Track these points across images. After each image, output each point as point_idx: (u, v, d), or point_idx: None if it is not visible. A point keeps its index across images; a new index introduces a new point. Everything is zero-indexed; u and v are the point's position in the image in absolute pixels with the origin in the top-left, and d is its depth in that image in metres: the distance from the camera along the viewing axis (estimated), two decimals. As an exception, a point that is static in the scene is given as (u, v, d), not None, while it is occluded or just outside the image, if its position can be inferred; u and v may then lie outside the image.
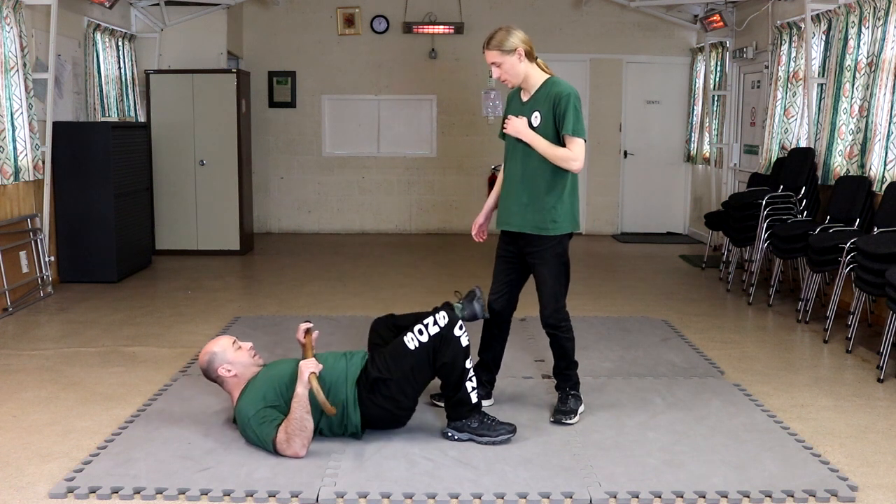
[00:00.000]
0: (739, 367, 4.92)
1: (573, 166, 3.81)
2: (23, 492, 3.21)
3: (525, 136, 3.84)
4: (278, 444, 3.47)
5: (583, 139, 3.79)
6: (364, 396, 3.63)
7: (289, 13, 10.32)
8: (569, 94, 3.78)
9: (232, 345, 3.76)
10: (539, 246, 3.91)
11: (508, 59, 3.80)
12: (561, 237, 3.92)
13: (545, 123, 3.82)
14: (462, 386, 3.66)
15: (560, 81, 3.86)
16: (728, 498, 3.18)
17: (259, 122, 10.31)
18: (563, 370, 4.09)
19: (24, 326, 5.80)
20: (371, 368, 3.64)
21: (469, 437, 3.70)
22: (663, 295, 6.97)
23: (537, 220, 3.88)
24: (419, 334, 3.61)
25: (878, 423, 4.03)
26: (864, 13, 6.21)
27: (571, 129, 3.76)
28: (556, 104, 3.78)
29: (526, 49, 3.81)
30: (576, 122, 3.77)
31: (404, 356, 3.61)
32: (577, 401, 4.05)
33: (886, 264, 4.77)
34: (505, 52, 3.79)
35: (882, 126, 5.92)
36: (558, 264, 3.94)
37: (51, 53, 6.78)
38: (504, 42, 3.79)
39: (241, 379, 3.71)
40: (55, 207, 7.11)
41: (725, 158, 9.38)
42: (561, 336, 4.02)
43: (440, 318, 3.63)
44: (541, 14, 10.33)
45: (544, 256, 3.92)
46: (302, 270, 8.03)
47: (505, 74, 3.85)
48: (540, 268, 3.95)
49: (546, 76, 3.90)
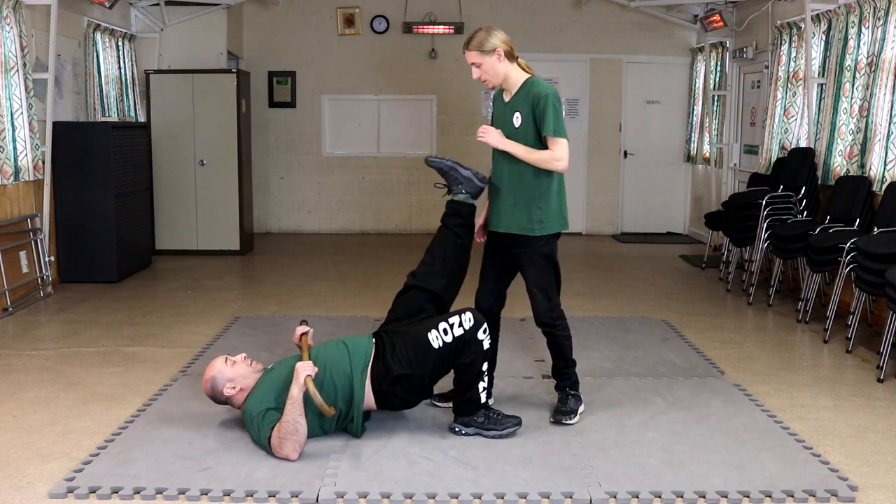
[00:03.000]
0: (739, 367, 4.92)
1: (558, 167, 3.82)
2: (23, 492, 3.21)
3: (502, 146, 3.86)
4: (272, 446, 3.48)
5: (565, 138, 3.80)
6: (386, 389, 3.65)
7: (289, 13, 10.32)
8: (547, 95, 3.78)
9: (225, 363, 3.75)
10: (527, 246, 3.91)
11: (488, 60, 3.82)
12: (548, 237, 3.92)
13: (526, 124, 3.84)
14: (475, 386, 3.70)
15: (539, 81, 3.87)
16: (728, 498, 3.18)
17: (259, 122, 10.31)
18: (562, 369, 4.09)
19: (24, 326, 5.80)
20: (392, 362, 3.64)
21: (476, 431, 3.74)
22: (663, 295, 6.97)
23: (524, 220, 3.88)
24: (444, 334, 3.61)
25: (878, 423, 4.03)
26: (864, 13, 6.21)
27: (552, 130, 3.78)
28: (535, 105, 3.80)
29: (506, 49, 3.83)
30: (556, 121, 3.78)
31: (427, 354, 3.62)
32: (578, 401, 4.05)
33: (886, 264, 4.77)
34: (485, 52, 3.81)
35: (882, 126, 5.92)
36: (547, 264, 3.94)
37: (51, 53, 6.78)
38: (484, 42, 3.81)
39: (247, 390, 3.73)
40: (55, 207, 7.11)
41: (725, 158, 9.38)
42: (557, 334, 4.02)
43: (466, 319, 3.63)
44: (541, 14, 10.33)
45: (532, 257, 3.92)
46: (302, 270, 8.03)
47: (485, 75, 3.87)
48: (528, 268, 3.95)
49: (526, 76, 3.91)
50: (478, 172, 3.97)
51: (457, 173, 3.96)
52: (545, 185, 3.86)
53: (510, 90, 3.91)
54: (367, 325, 5.57)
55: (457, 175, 3.96)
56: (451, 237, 3.98)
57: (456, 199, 3.98)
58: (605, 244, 10.00)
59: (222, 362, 3.76)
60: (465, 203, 3.97)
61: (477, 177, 3.96)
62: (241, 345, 5.20)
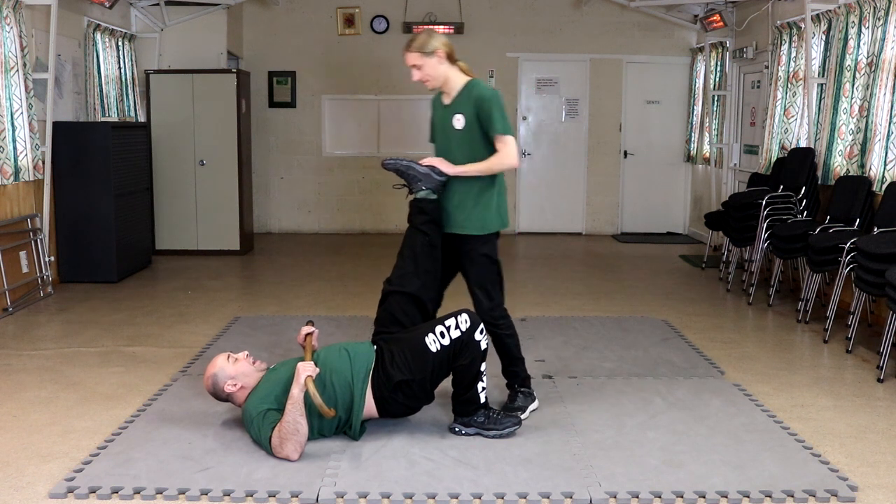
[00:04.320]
0: (739, 367, 4.92)
1: (509, 164, 3.90)
2: (23, 492, 3.21)
3: (453, 172, 3.91)
4: (273, 446, 3.48)
5: (511, 135, 3.88)
6: (387, 395, 3.66)
7: (289, 13, 10.32)
8: (490, 97, 3.85)
9: (227, 360, 3.75)
10: (468, 245, 3.98)
11: (429, 61, 3.87)
12: (489, 236, 3.98)
13: (469, 127, 3.89)
14: (474, 386, 3.71)
15: (481, 84, 3.94)
16: (728, 498, 3.18)
17: (259, 122, 10.31)
18: (508, 367, 4.12)
19: (24, 326, 5.80)
20: (391, 369, 3.65)
21: (476, 431, 3.74)
22: (663, 295, 6.97)
23: (466, 220, 3.95)
24: (441, 337, 3.63)
25: (878, 423, 4.03)
26: (864, 13, 6.21)
27: (500, 129, 3.84)
28: (479, 108, 3.85)
29: (447, 51, 3.88)
30: (502, 120, 3.85)
31: (426, 358, 3.63)
32: (528, 398, 4.07)
33: (886, 264, 4.77)
34: (426, 53, 3.86)
35: (882, 126, 5.92)
36: (488, 263, 4.00)
37: (51, 53, 6.78)
38: (426, 44, 3.86)
39: (248, 388, 3.72)
40: (55, 207, 7.11)
41: (725, 158, 9.38)
42: (500, 333, 4.04)
43: (462, 321, 3.65)
44: (541, 14, 10.33)
45: (472, 256, 3.98)
46: (302, 270, 8.03)
47: (426, 76, 3.91)
48: (469, 267, 4.01)
49: (467, 79, 3.96)
50: (434, 167, 3.99)
51: (414, 171, 3.99)
52: (486, 185, 3.94)
53: (450, 93, 3.96)
54: (367, 325, 5.55)
55: (414, 173, 3.99)
56: (419, 236, 4.02)
57: (418, 197, 4.01)
58: (605, 244, 10.00)
59: (224, 359, 3.76)
60: (427, 199, 4.00)
61: (434, 171, 3.98)
62: (241, 345, 5.19)
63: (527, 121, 10.57)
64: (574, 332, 5.64)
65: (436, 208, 4.00)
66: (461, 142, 3.93)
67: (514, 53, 10.39)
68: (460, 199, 3.95)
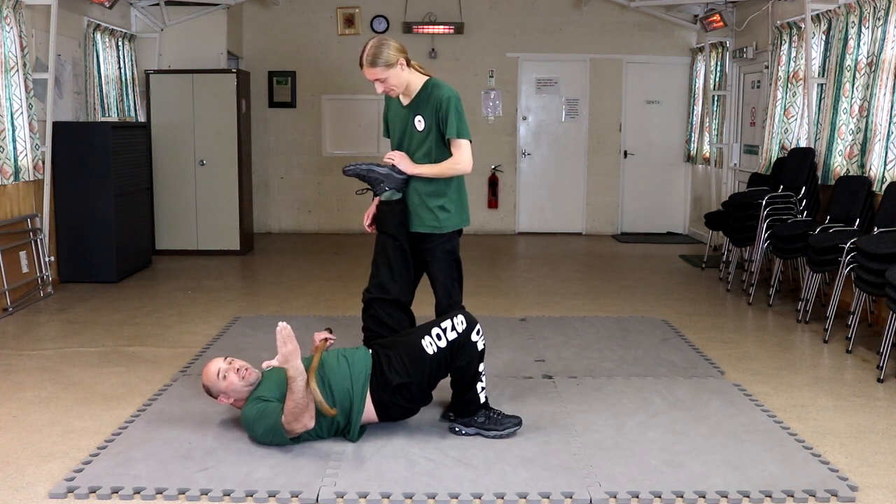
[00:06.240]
0: (739, 367, 4.92)
1: (461, 170, 3.93)
2: (23, 492, 3.21)
3: (413, 171, 3.93)
4: (286, 428, 3.46)
5: (467, 139, 3.88)
6: (386, 399, 3.66)
7: (289, 13, 10.32)
8: (449, 98, 3.86)
9: (218, 376, 3.68)
10: (430, 243, 4.01)
11: (393, 72, 3.85)
12: (450, 234, 4.02)
13: (429, 128, 3.91)
14: (473, 387, 3.72)
15: (440, 83, 3.94)
16: (728, 498, 3.18)
17: (259, 122, 10.31)
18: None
19: (24, 326, 5.80)
20: (389, 373, 3.64)
21: (476, 431, 3.75)
22: (663, 295, 6.97)
23: (428, 218, 3.98)
24: (437, 339, 3.63)
25: (878, 423, 4.03)
26: (864, 13, 6.21)
27: (456, 132, 3.86)
28: (437, 109, 3.87)
29: (406, 56, 3.88)
30: (459, 123, 3.86)
31: (423, 361, 3.63)
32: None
33: (886, 264, 4.78)
34: (391, 66, 3.83)
35: (882, 126, 5.92)
36: (449, 261, 4.03)
37: (51, 53, 6.78)
38: (387, 56, 3.81)
39: (242, 401, 3.71)
40: (55, 207, 7.11)
41: (725, 158, 9.38)
42: None
43: (458, 322, 3.65)
44: (541, 14, 10.33)
45: (435, 253, 4.01)
46: (302, 270, 8.03)
47: (390, 87, 3.90)
48: (431, 265, 4.04)
49: (425, 78, 3.96)
50: (394, 166, 3.99)
51: (375, 174, 3.99)
52: (445, 183, 3.97)
53: (409, 94, 3.96)
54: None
55: (376, 175, 3.99)
56: (389, 241, 4.02)
57: (383, 200, 4.00)
58: (604, 244, 10.00)
59: (214, 375, 3.69)
60: (392, 200, 4.00)
61: (394, 171, 3.98)
62: (241, 345, 5.20)
63: (527, 121, 10.58)
64: (574, 332, 5.63)
65: (403, 209, 4.01)
66: (422, 143, 3.95)
67: (514, 53, 10.40)
68: (420, 198, 3.97)
